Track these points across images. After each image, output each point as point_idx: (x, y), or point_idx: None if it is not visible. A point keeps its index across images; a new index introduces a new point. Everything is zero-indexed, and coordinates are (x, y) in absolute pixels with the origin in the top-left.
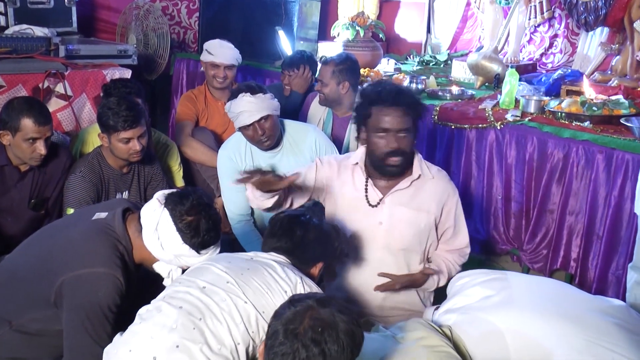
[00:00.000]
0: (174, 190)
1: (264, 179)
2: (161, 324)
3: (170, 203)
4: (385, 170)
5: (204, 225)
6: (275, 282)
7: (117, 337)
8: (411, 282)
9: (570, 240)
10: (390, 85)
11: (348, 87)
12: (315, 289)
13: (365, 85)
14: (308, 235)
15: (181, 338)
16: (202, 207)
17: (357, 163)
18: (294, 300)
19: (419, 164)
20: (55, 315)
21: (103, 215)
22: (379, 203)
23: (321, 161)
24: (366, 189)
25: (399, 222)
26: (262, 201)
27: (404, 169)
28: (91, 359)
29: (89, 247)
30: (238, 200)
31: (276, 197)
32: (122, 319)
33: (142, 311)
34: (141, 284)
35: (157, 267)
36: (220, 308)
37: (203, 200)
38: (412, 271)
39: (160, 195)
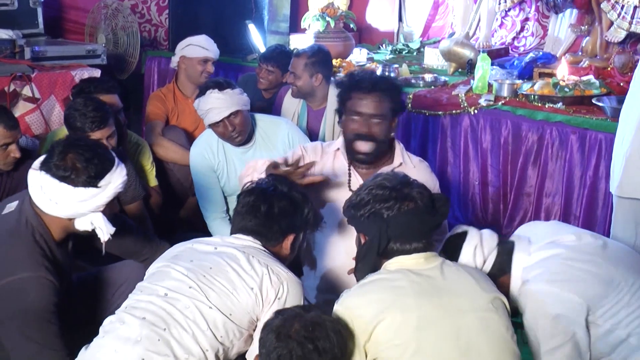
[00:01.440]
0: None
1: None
2: (125, 337)
3: (42, 164)
4: (355, 157)
5: (80, 159)
6: (240, 279)
7: (83, 351)
8: None
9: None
10: (370, 73)
11: (321, 79)
12: (284, 274)
13: (347, 73)
14: (273, 209)
15: (146, 350)
16: (70, 146)
17: (338, 149)
18: (280, 311)
19: (401, 152)
20: None
21: (14, 205)
22: None
23: (305, 149)
24: (349, 174)
25: None
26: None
27: (376, 157)
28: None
29: (4, 253)
30: (213, 198)
31: None
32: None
33: (106, 323)
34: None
35: (78, 226)
36: (185, 316)
37: (68, 141)
38: None
39: (35, 164)
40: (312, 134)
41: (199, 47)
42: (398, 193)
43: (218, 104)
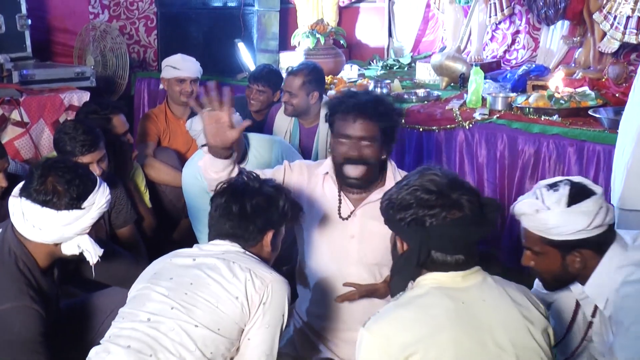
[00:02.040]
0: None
1: (218, 116)
2: None
3: (22, 190)
4: (346, 182)
5: (60, 181)
6: (224, 289)
7: None
8: (372, 292)
9: None
10: (359, 93)
11: (317, 96)
12: (268, 275)
13: (336, 92)
14: (245, 209)
15: None
16: (49, 169)
17: (327, 173)
18: None
19: (393, 174)
20: None
21: None
22: (349, 216)
23: (290, 167)
24: (339, 201)
25: (370, 235)
26: (217, 173)
27: (368, 182)
28: None
29: None
30: (206, 220)
31: (231, 168)
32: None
33: (92, 354)
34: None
35: (65, 250)
36: (171, 339)
37: (47, 164)
38: None
39: (14, 191)
40: (305, 152)
41: (171, 67)
42: (445, 200)
43: None
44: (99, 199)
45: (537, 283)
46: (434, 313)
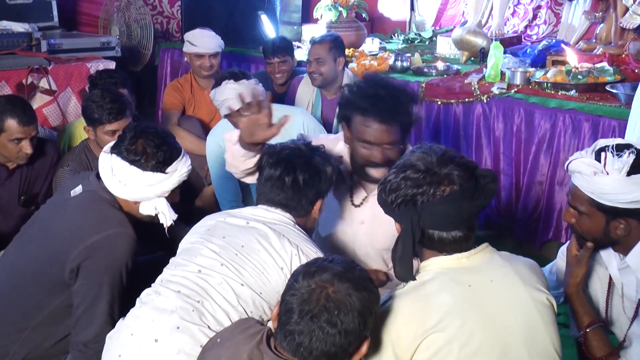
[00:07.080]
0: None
1: (258, 119)
2: (161, 308)
3: (114, 147)
4: (366, 179)
5: (150, 145)
6: (271, 258)
7: (120, 322)
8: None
9: (561, 211)
10: (379, 93)
11: (343, 62)
12: (313, 254)
13: (353, 83)
14: (297, 182)
15: (181, 320)
16: (141, 132)
17: (342, 157)
18: (309, 272)
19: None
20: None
21: (79, 189)
22: (362, 202)
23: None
24: (351, 187)
25: (380, 221)
26: (243, 161)
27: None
28: (104, 319)
29: (92, 215)
30: (228, 187)
31: (257, 157)
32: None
33: (143, 295)
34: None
35: (142, 210)
36: (217, 292)
37: (140, 127)
38: None
39: (105, 148)
40: (327, 124)
41: (189, 43)
42: (433, 177)
43: (234, 95)
44: (181, 167)
45: (561, 251)
46: (441, 301)
